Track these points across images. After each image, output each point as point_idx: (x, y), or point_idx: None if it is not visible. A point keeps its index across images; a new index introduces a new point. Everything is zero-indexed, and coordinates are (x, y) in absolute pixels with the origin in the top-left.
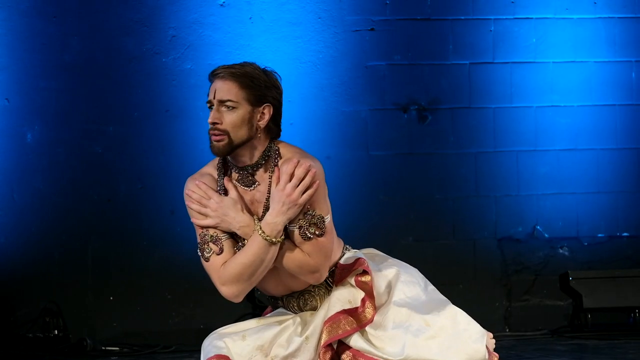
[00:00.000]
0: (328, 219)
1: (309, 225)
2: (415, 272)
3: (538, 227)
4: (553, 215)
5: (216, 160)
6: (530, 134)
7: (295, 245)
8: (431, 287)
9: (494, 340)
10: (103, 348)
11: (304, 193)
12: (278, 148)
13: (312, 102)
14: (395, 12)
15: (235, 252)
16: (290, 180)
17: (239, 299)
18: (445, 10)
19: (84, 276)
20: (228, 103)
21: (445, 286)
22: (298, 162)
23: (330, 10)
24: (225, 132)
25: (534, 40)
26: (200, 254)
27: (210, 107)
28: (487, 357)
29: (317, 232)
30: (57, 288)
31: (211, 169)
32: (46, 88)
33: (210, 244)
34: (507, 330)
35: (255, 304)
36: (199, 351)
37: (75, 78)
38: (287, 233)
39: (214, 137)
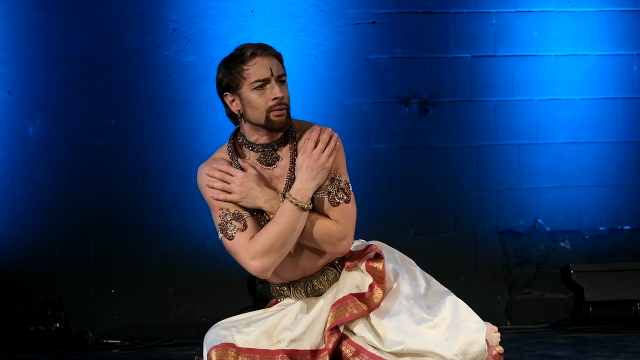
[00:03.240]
0: (351, 186)
1: (337, 191)
2: (416, 267)
3: (539, 221)
4: (554, 208)
5: (225, 145)
6: (532, 127)
7: (322, 215)
8: (433, 280)
9: (498, 334)
10: (104, 341)
11: (330, 156)
12: (293, 123)
13: (313, 96)
14: (397, 5)
15: (258, 229)
16: (315, 147)
17: (268, 274)
18: (447, 3)
19: (85, 269)
20: (283, 77)
21: (446, 279)
22: (320, 129)
23: (331, 3)
24: (287, 106)
25: (536, 33)
26: (222, 235)
27: (260, 86)
28: (486, 348)
29: (344, 198)
30: (59, 281)
31: (223, 153)
32: (47, 81)
33: (234, 222)
34: (509, 323)
35: (257, 297)
36: (200, 344)
37: (76, 71)
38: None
39: (280, 112)
